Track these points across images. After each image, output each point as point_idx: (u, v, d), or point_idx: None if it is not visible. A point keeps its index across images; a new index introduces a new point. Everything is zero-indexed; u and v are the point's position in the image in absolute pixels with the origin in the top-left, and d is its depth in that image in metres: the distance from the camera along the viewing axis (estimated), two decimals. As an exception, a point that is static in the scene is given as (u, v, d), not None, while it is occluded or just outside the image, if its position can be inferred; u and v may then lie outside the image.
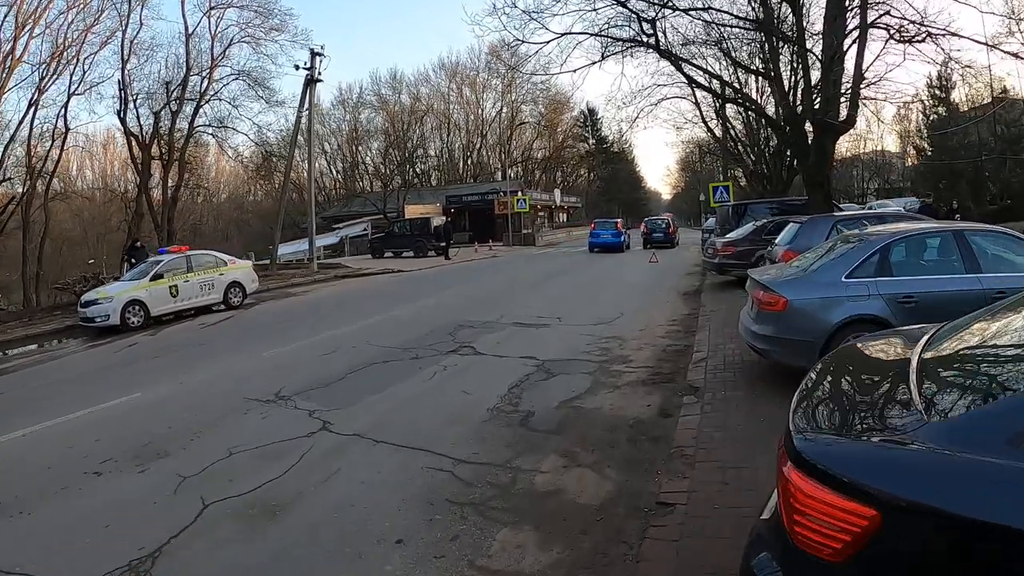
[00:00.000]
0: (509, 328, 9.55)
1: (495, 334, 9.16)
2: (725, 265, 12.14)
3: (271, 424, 5.65)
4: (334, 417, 5.70)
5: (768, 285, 5.27)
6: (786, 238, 8.54)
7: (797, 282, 5.25)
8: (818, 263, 5.50)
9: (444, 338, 8.97)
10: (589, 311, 10.63)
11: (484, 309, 11.45)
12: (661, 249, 26.95)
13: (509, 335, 9.05)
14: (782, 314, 5.10)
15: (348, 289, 17.74)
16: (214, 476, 4.50)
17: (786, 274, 5.61)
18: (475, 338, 8.88)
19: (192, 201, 73.11)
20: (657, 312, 10.24)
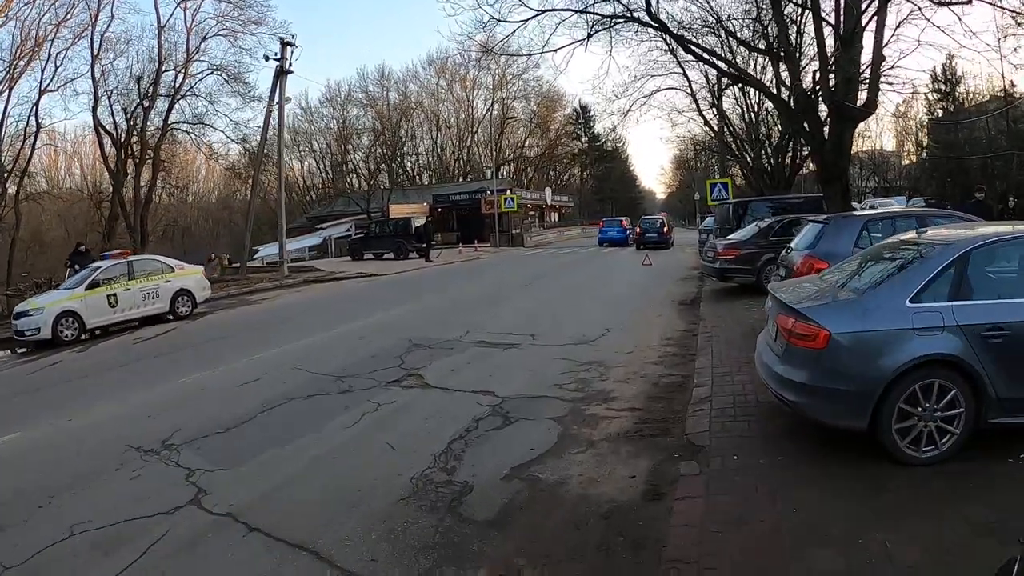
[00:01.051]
0: (472, 349, 8.01)
1: (453, 357, 7.61)
2: (727, 271, 10.62)
3: (137, 489, 4.41)
4: (215, 481, 4.40)
5: (802, 311, 3.72)
6: (805, 241, 7.01)
7: (842, 307, 3.70)
8: (865, 280, 3.96)
9: (390, 363, 7.43)
10: (570, 326, 9.09)
11: (450, 323, 9.89)
12: (655, 250, 25.45)
13: (469, 359, 7.50)
14: (823, 353, 3.56)
15: (310, 297, 16.17)
16: (35, 571, 3.43)
17: (822, 294, 4.06)
18: (427, 363, 7.34)
19: (181, 202, 71.91)
20: (649, 328, 8.70)
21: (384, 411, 5.71)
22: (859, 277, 4.08)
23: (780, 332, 3.92)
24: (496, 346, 8.07)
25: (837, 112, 9.46)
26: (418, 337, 8.81)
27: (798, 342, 3.65)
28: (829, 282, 4.29)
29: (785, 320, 3.82)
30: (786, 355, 3.82)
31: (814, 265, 6.38)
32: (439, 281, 17.08)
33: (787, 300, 3.96)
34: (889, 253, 4.20)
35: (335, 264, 26.95)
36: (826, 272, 4.71)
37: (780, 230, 10.74)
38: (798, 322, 3.66)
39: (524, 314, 10.37)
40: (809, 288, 4.37)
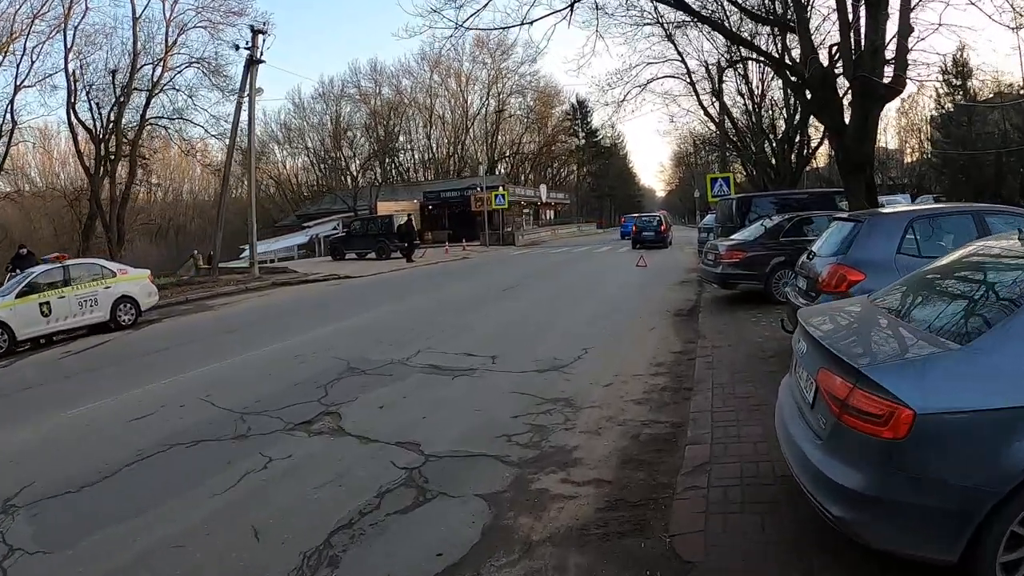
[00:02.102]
0: (415, 376, 6.53)
1: (390, 388, 6.15)
2: (731, 277, 9.11)
3: None
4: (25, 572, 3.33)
5: (865, 371, 2.18)
6: (832, 245, 5.48)
7: (934, 365, 2.16)
8: (955, 315, 2.43)
9: (312, 395, 6.00)
10: (542, 344, 7.60)
11: (403, 339, 8.42)
12: (652, 250, 23.95)
13: (408, 391, 6.02)
14: (900, 445, 2.05)
15: (271, 303, 14.70)
16: None
17: (889, 337, 2.54)
18: (356, 396, 5.91)
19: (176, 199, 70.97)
20: (636, 347, 7.19)
21: (272, 470, 4.27)
22: (940, 306, 2.57)
23: (823, 397, 2.40)
24: (446, 372, 6.59)
25: (861, 89, 7.95)
26: (359, 359, 7.37)
27: (857, 423, 2.14)
28: (887, 312, 2.78)
29: (832, 381, 2.30)
30: (832, 440, 2.30)
31: (846, 276, 4.89)
32: (411, 285, 15.58)
33: (835, 347, 2.43)
34: (986, 269, 2.70)
35: (313, 265, 25.50)
36: (878, 295, 3.20)
37: (791, 229, 9.24)
38: (859, 389, 2.14)
39: (492, 328, 8.88)
40: (861, 320, 2.86)
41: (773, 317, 8.13)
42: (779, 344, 6.50)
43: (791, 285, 6.16)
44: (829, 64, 8.24)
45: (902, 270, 4.80)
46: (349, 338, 8.84)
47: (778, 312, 8.47)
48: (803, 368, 2.73)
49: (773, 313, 8.37)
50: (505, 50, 56.54)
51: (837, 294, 4.90)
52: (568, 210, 58.82)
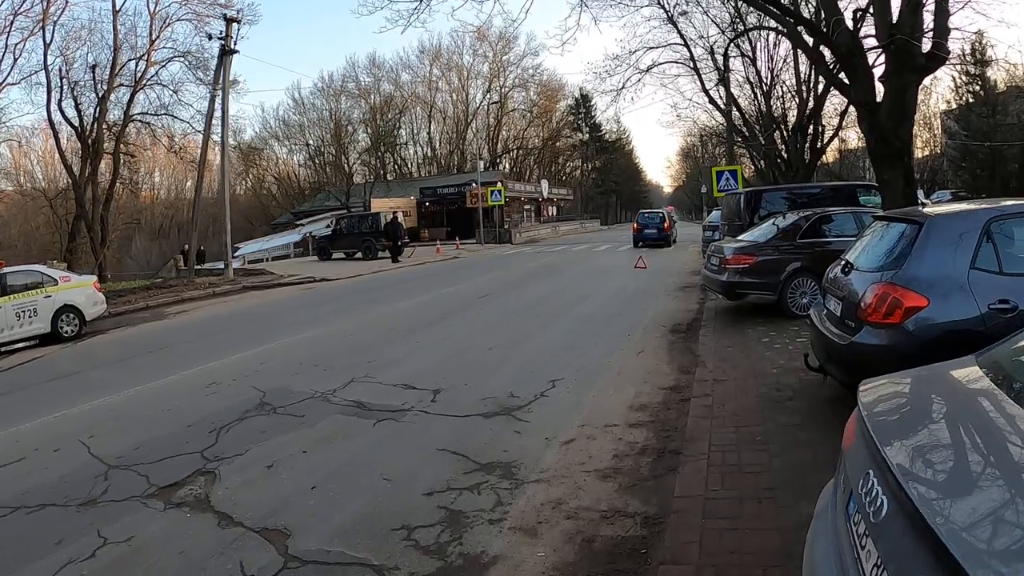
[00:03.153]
0: (332, 418, 5.18)
1: (293, 435, 4.81)
2: (739, 286, 7.62)
3: None
4: None
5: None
6: (877, 255, 3.92)
7: None
8: None
9: (199, 442, 4.82)
10: (500, 375, 6.17)
11: (341, 362, 7.04)
12: (654, 249, 22.42)
13: (311, 442, 4.65)
14: None
15: (229, 311, 13.39)
16: None
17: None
18: (248, 446, 4.67)
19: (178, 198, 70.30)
20: (617, 382, 5.72)
21: (98, 562, 3.28)
22: None
23: None
24: (370, 413, 5.19)
25: (898, 59, 6.42)
26: (279, 390, 6.04)
27: None
28: None
29: None
30: None
31: (901, 302, 3.43)
32: (382, 291, 14.17)
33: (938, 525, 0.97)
34: None
35: (296, 265, 24.22)
36: (993, 354, 1.73)
37: (810, 229, 7.75)
38: None
39: (446, 351, 7.43)
40: (984, 433, 1.39)
41: (789, 335, 6.67)
42: (800, 380, 5.04)
43: (817, 306, 4.68)
44: (855, 25, 6.68)
45: (980, 293, 3.35)
46: (282, 360, 7.47)
47: (794, 329, 7.03)
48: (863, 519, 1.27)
49: (789, 330, 6.90)
50: (507, 43, 55.07)
51: (889, 328, 3.46)
52: (572, 206, 57.24)
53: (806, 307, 7.48)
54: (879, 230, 4.27)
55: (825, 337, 4.08)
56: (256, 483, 3.97)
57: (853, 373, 3.75)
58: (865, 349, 3.57)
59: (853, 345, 3.63)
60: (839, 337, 3.83)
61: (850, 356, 3.68)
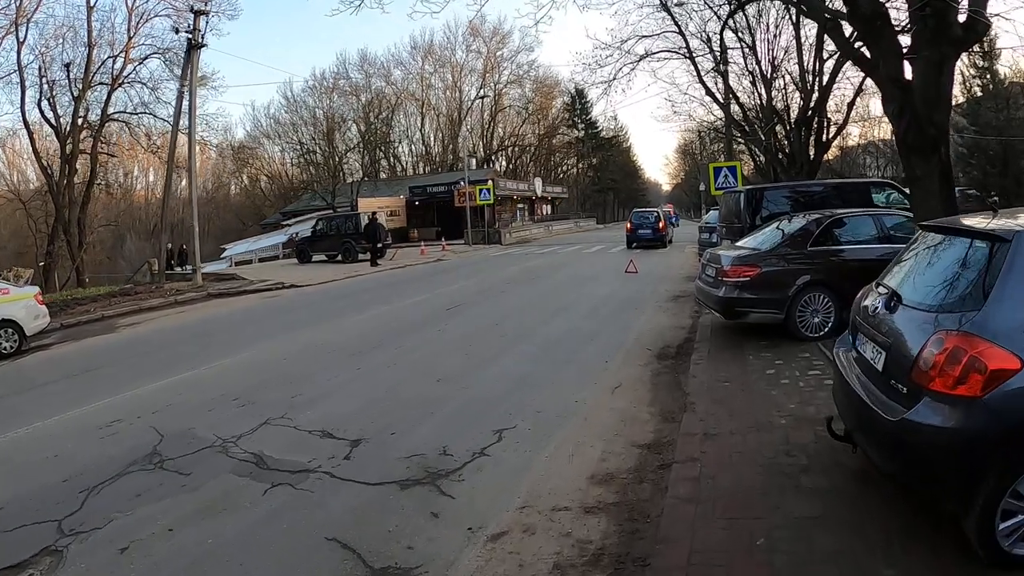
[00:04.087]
0: (221, 479, 4.10)
1: (168, 502, 3.80)
2: (739, 303, 6.36)
3: None
4: None
5: None
6: (935, 284, 2.62)
7: None
8: None
9: (64, 506, 3.99)
10: (440, 416, 4.97)
11: (261, 396, 5.87)
12: (649, 250, 21.19)
13: (184, 516, 3.59)
14: None
15: (184, 323, 12.15)
16: None
17: None
18: (113, 516, 3.78)
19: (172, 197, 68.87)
20: (579, 436, 4.47)
21: None
22: None
23: None
24: (267, 474, 4.10)
25: (935, 28, 5.18)
26: (178, 434, 4.98)
27: None
28: None
29: None
30: None
31: (984, 362, 2.21)
32: (351, 299, 12.94)
33: None
34: None
35: (271, 269, 22.98)
36: None
37: (822, 235, 6.51)
38: None
39: (390, 379, 6.21)
40: None
41: (799, 366, 5.44)
42: (816, 438, 3.83)
43: (842, 345, 3.44)
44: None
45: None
46: (202, 390, 6.28)
47: (805, 356, 5.79)
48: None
49: (799, 358, 5.67)
50: (501, 39, 53.79)
51: (962, 402, 2.25)
52: (568, 205, 55.97)
53: (818, 328, 6.26)
54: (931, 246, 3.03)
55: (858, 398, 2.85)
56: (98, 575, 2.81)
57: (904, 464, 2.52)
58: (925, 432, 2.35)
59: (906, 424, 2.40)
60: (883, 406, 2.60)
61: (900, 440, 2.46)
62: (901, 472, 2.60)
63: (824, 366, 5.34)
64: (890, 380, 2.65)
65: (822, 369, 5.27)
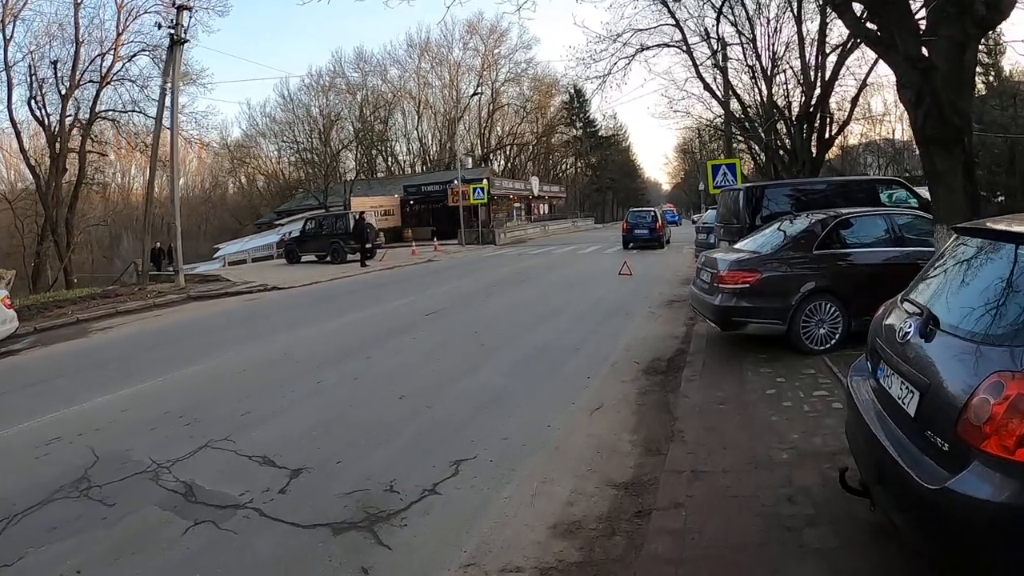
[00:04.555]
0: (143, 512, 3.64)
1: (80, 540, 3.35)
2: (736, 312, 5.73)
3: None
4: None
5: None
6: (982, 308, 2.00)
7: None
8: None
9: None
10: (395, 441, 4.36)
11: (208, 415, 5.29)
12: (646, 250, 20.57)
13: (93, 559, 2.86)
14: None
15: (158, 327, 11.53)
16: None
17: None
18: (12, 557, 3.21)
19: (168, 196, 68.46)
20: (549, 469, 3.84)
21: None
22: None
23: None
24: (192, 509, 3.61)
25: (956, 5, 4.56)
26: (113, 457, 4.45)
27: None
28: None
29: None
30: None
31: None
32: (331, 303, 12.34)
33: None
34: None
35: (257, 270, 22.40)
36: None
37: (829, 236, 5.89)
38: None
39: (348, 396, 5.60)
40: None
41: (804, 385, 4.83)
42: (823, 479, 3.22)
43: (859, 374, 2.82)
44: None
45: None
46: (149, 406, 5.70)
47: (810, 373, 5.18)
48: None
49: (803, 376, 5.06)
50: (499, 36, 53.17)
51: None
52: (566, 204, 55.31)
53: (824, 340, 5.64)
54: (968, 256, 2.41)
55: (880, 448, 2.24)
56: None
57: (943, 545, 1.90)
58: (975, 509, 1.73)
59: (950, 496, 1.78)
60: (916, 466, 1.98)
61: (941, 514, 1.84)
62: (939, 552, 1.99)
63: (831, 386, 4.72)
64: (925, 431, 2.03)
65: (829, 389, 4.66)
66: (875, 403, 2.51)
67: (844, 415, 4.15)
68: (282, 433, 4.72)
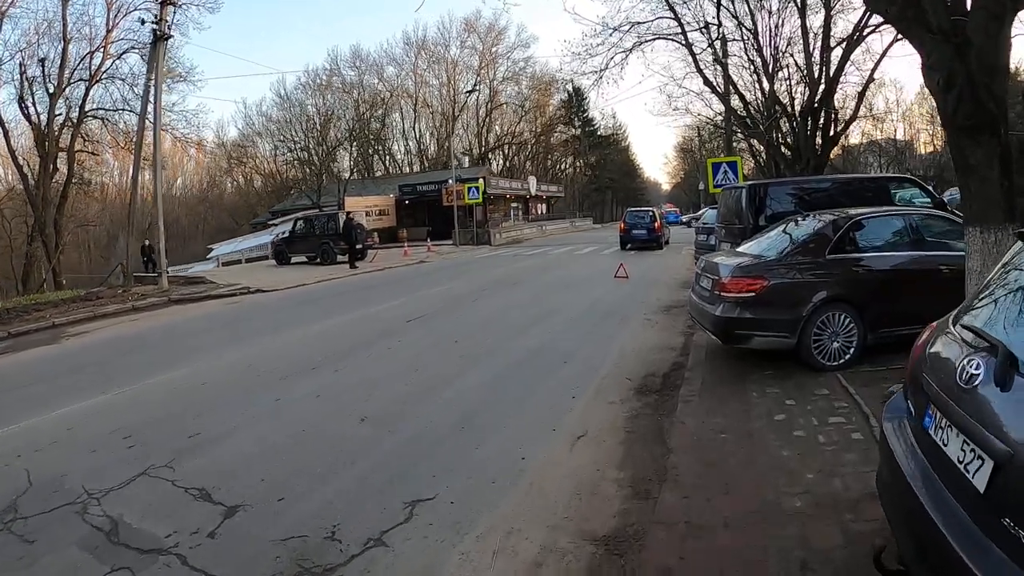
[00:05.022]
0: (59, 554, 3.18)
1: None
2: (739, 324, 5.11)
3: None
4: None
5: None
6: None
7: None
8: None
9: None
10: (346, 475, 3.77)
11: (157, 433, 4.74)
12: (644, 251, 19.97)
13: None
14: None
15: (135, 333, 10.93)
16: None
17: None
18: None
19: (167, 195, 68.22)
20: (516, 515, 3.24)
21: None
22: None
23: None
24: (111, 552, 3.12)
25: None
26: (49, 481, 3.99)
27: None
28: None
29: None
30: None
31: None
32: (312, 307, 11.76)
33: None
34: None
35: (247, 272, 21.83)
36: None
37: (843, 240, 5.29)
38: None
39: (306, 417, 5.00)
40: None
41: (817, 409, 4.23)
42: (846, 543, 2.62)
43: (893, 415, 2.23)
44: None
45: None
46: (97, 423, 5.16)
47: (823, 394, 4.57)
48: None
49: (815, 397, 4.46)
50: (497, 34, 52.58)
51: None
52: (565, 204, 54.69)
53: (838, 354, 5.04)
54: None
55: (929, 523, 1.65)
56: None
57: None
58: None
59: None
60: (982, 562, 1.40)
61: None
62: None
63: (849, 411, 4.13)
64: (1001, 516, 1.44)
65: (846, 415, 4.06)
66: (923, 462, 1.91)
67: (865, 448, 3.58)
68: (228, 460, 4.17)
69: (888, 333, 5.10)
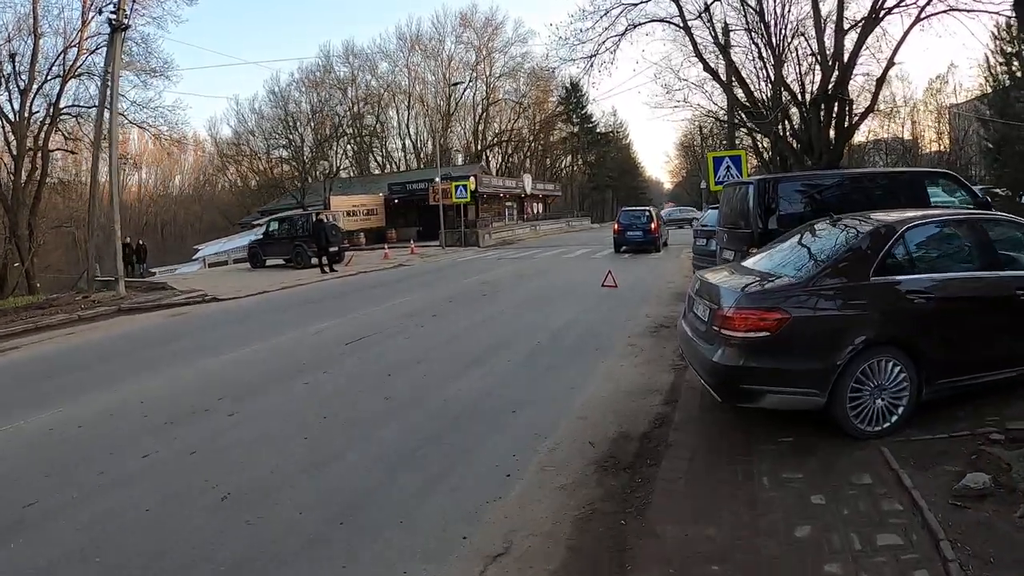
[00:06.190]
0: None
1: None
2: (749, 376, 3.58)
3: None
4: None
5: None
6: None
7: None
8: None
9: None
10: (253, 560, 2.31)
11: (44, 484, 3.19)
12: (639, 255, 18.45)
13: None
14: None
15: (56, 352, 9.52)
16: None
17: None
18: None
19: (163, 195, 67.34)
20: None
21: None
22: None
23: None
24: None
25: None
26: None
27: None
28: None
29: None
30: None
31: None
32: (259, 320, 10.34)
33: None
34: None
35: (213, 277, 20.47)
36: None
37: (889, 256, 3.78)
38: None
39: (149, 501, 3.55)
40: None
41: (860, 512, 2.68)
42: None
43: None
44: None
45: None
46: None
47: (866, 483, 3.05)
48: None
49: (855, 487, 2.94)
50: (493, 29, 51.09)
51: None
52: (564, 203, 53.13)
53: (882, 416, 3.57)
54: None
55: None
56: None
57: None
58: None
59: None
60: None
61: None
62: None
63: (904, 518, 2.65)
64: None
65: (904, 530, 2.59)
66: None
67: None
68: (44, 549, 2.86)
69: (949, 384, 3.64)
